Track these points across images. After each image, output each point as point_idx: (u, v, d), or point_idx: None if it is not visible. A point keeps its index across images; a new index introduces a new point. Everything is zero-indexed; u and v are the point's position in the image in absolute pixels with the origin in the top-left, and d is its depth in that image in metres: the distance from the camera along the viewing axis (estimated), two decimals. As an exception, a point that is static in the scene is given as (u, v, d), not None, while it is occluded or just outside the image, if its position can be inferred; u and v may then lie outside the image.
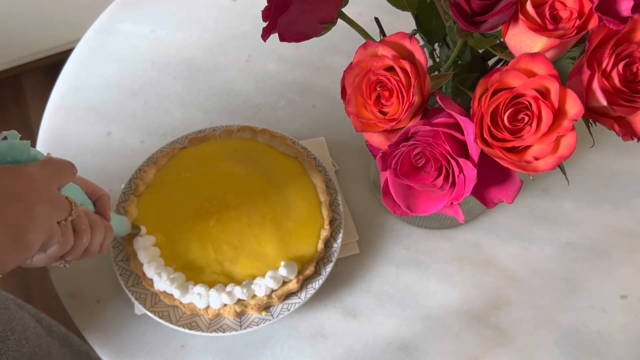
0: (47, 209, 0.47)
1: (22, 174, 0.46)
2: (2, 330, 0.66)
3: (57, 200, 0.49)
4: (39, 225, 0.46)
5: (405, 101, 0.45)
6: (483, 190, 0.48)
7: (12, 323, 0.69)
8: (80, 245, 0.53)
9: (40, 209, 0.46)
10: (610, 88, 0.42)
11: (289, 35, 0.51)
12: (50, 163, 0.50)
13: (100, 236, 0.56)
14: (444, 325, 0.67)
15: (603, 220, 0.74)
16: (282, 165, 0.73)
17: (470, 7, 0.43)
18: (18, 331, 0.69)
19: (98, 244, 0.56)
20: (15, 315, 0.70)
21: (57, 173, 0.50)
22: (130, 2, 0.96)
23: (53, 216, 0.48)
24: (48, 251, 0.51)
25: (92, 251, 0.56)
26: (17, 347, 0.68)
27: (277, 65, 0.88)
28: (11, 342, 0.67)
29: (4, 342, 0.66)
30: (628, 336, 0.66)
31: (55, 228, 0.49)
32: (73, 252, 0.53)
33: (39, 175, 0.47)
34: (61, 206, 0.49)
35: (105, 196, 0.59)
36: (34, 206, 0.46)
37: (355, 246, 0.72)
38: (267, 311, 0.65)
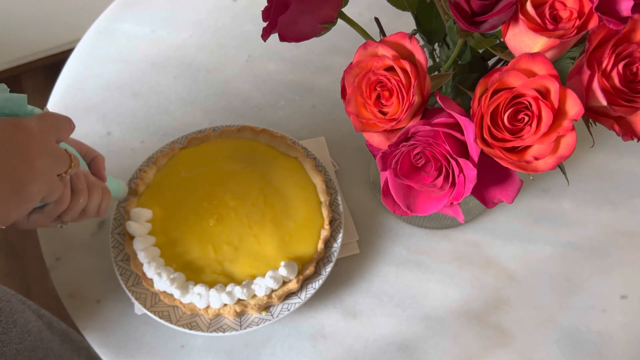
0: (47, 161, 0.47)
1: (22, 127, 0.46)
2: (4, 323, 0.66)
3: (56, 153, 0.49)
4: (40, 177, 0.47)
5: (405, 101, 0.45)
6: (483, 190, 0.48)
7: (14, 316, 0.69)
8: (77, 205, 0.53)
9: (41, 161, 0.46)
10: (610, 88, 0.42)
11: (289, 35, 0.51)
12: (49, 117, 0.49)
13: (97, 197, 0.56)
14: (444, 325, 0.67)
15: (603, 220, 0.74)
16: (282, 165, 0.73)
17: (470, 7, 0.43)
18: (20, 324, 0.70)
19: (96, 205, 0.56)
20: (17, 309, 0.70)
21: (56, 127, 0.50)
22: (130, 2, 0.96)
23: (53, 169, 0.48)
24: (45, 209, 0.51)
25: (90, 212, 0.56)
26: (19, 339, 0.68)
27: (277, 65, 0.88)
28: (13, 334, 0.67)
29: (6, 334, 0.66)
30: (628, 336, 0.66)
31: (56, 181, 0.49)
32: (70, 211, 0.53)
33: (38, 128, 0.47)
34: (61, 159, 0.49)
35: (99, 157, 0.59)
36: (34, 158, 0.46)
37: (355, 246, 0.72)
38: (267, 311, 0.65)
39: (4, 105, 0.46)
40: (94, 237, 0.73)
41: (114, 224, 0.70)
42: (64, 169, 0.50)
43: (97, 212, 0.57)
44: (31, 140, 0.46)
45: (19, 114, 0.48)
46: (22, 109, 0.48)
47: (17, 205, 0.46)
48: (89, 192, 0.55)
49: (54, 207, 0.51)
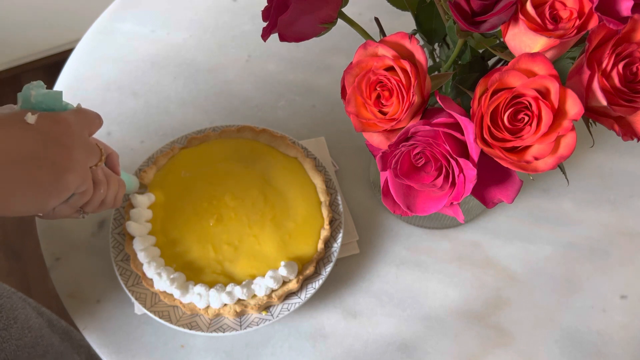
0: (83, 153, 0.50)
1: (61, 120, 0.49)
2: (5, 319, 0.67)
3: (90, 146, 0.52)
4: (77, 168, 0.49)
5: (405, 101, 0.45)
6: (483, 190, 0.48)
7: (15, 312, 0.69)
8: (98, 196, 0.56)
9: (77, 152, 0.49)
10: (610, 88, 0.42)
11: (289, 35, 0.51)
12: (82, 112, 0.53)
13: (114, 188, 0.59)
14: (444, 325, 0.67)
15: (603, 220, 0.74)
16: (282, 165, 0.73)
17: (470, 7, 0.43)
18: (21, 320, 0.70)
19: (113, 196, 0.59)
20: (17, 305, 0.71)
21: (89, 122, 0.53)
22: (130, 2, 0.96)
23: (87, 160, 0.51)
24: (70, 200, 0.53)
25: (108, 203, 0.58)
26: (19, 335, 0.68)
27: (277, 65, 0.88)
28: (14, 330, 0.68)
29: (7, 330, 0.66)
30: (628, 336, 0.66)
31: (88, 172, 0.52)
32: (91, 202, 0.56)
33: (74, 122, 0.50)
34: (94, 151, 0.52)
35: (114, 154, 0.62)
36: (72, 149, 0.49)
37: (355, 246, 0.72)
38: (267, 311, 0.65)
39: (42, 100, 0.49)
40: (94, 237, 0.73)
41: (114, 224, 0.70)
42: (95, 161, 0.53)
43: (114, 202, 0.60)
44: (69, 133, 0.49)
45: (55, 109, 0.50)
46: (58, 103, 0.51)
47: (56, 193, 0.48)
48: (108, 183, 0.58)
49: (79, 197, 0.53)
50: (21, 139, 0.46)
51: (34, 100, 0.49)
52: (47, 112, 0.49)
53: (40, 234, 0.73)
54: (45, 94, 0.49)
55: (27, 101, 0.49)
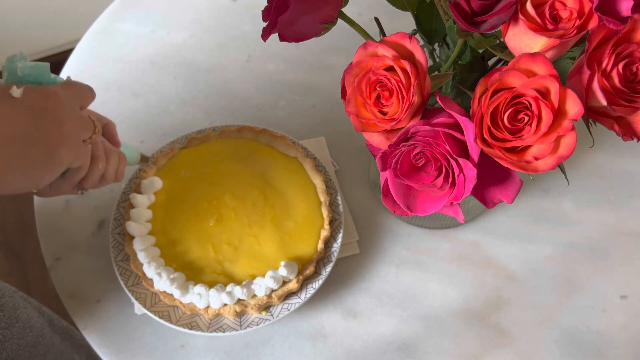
0: (75, 126, 0.49)
1: (50, 93, 0.47)
2: (7, 318, 0.67)
3: (82, 119, 0.51)
4: (69, 142, 0.48)
5: (405, 101, 0.45)
6: (483, 190, 0.48)
7: (17, 311, 0.69)
8: (97, 171, 0.55)
9: (69, 125, 0.48)
10: (610, 88, 0.42)
11: (289, 35, 0.51)
12: (73, 85, 0.51)
13: (114, 162, 0.57)
14: (444, 325, 0.67)
15: (603, 220, 0.74)
16: (282, 165, 0.73)
17: (470, 7, 0.43)
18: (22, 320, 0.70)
19: (113, 170, 0.58)
20: (19, 305, 0.71)
21: (80, 94, 0.52)
22: (130, 2, 0.96)
23: (79, 134, 0.50)
24: (66, 175, 0.52)
25: (108, 178, 0.57)
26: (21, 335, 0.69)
27: (277, 65, 0.88)
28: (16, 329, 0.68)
29: (9, 329, 0.66)
30: (628, 336, 0.66)
31: (82, 146, 0.51)
32: (90, 177, 0.55)
33: (64, 95, 0.49)
34: (86, 125, 0.51)
35: (111, 123, 0.60)
36: (63, 123, 0.47)
37: (355, 246, 0.72)
38: (267, 311, 0.65)
39: (29, 73, 0.48)
40: (94, 237, 0.73)
41: (114, 224, 0.70)
42: (89, 135, 0.52)
43: (115, 177, 0.58)
44: (59, 106, 0.48)
45: (43, 82, 0.49)
46: (46, 76, 0.49)
47: (49, 169, 0.47)
48: (107, 157, 0.56)
49: (75, 173, 0.52)
50: (9, 116, 0.44)
51: (21, 73, 0.47)
52: (35, 86, 0.47)
53: (40, 234, 0.73)
54: (32, 66, 0.48)
55: (13, 74, 0.48)
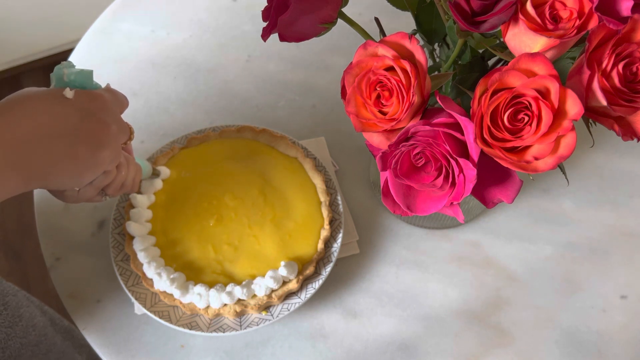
0: (117, 130, 0.51)
1: (97, 97, 0.50)
2: (10, 316, 0.67)
3: (122, 123, 0.53)
4: (111, 144, 0.50)
5: (405, 101, 0.45)
6: (483, 190, 0.48)
7: (20, 310, 0.69)
8: (120, 178, 0.57)
9: (113, 128, 0.50)
10: (610, 88, 0.42)
11: (289, 35, 0.51)
12: (113, 91, 0.53)
13: (133, 171, 0.59)
14: (444, 325, 0.67)
15: (603, 220, 0.74)
16: (282, 165, 0.73)
17: (470, 7, 0.43)
18: (25, 318, 0.70)
19: (132, 179, 0.59)
20: (22, 303, 0.71)
21: (119, 100, 0.54)
22: (130, 2, 0.96)
23: (120, 138, 0.52)
24: (94, 181, 0.53)
25: (127, 186, 0.59)
26: (24, 334, 0.69)
27: (277, 65, 0.88)
28: (19, 328, 0.68)
29: (12, 327, 0.67)
30: (628, 336, 0.66)
31: (119, 149, 0.53)
32: (113, 184, 0.56)
33: (108, 99, 0.51)
34: (125, 128, 0.53)
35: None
36: (108, 125, 0.50)
37: (355, 246, 0.72)
38: (267, 311, 0.65)
39: (74, 79, 0.50)
40: (94, 237, 0.73)
41: (114, 224, 0.70)
42: (125, 139, 0.54)
43: (132, 186, 0.60)
44: (105, 109, 0.50)
45: (86, 87, 0.51)
46: (89, 82, 0.51)
47: (92, 168, 0.49)
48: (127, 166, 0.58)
49: (103, 178, 0.54)
50: (62, 113, 0.46)
51: (67, 79, 0.50)
52: (82, 90, 0.50)
53: (40, 234, 0.73)
54: (77, 72, 0.50)
55: (60, 80, 0.50)
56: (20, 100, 0.45)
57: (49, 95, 0.47)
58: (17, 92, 0.47)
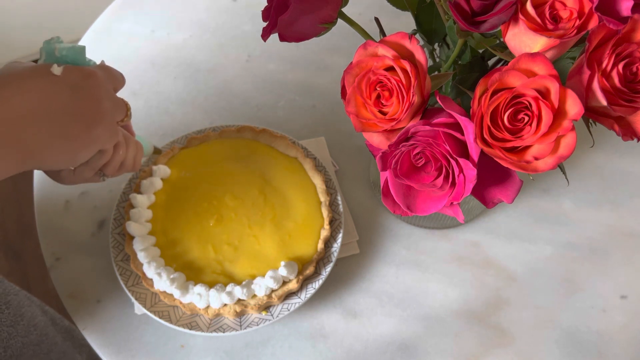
0: (111, 106, 0.50)
1: (89, 73, 0.49)
2: (12, 316, 0.67)
3: (117, 100, 0.52)
4: (105, 120, 0.49)
5: (405, 101, 0.45)
6: (483, 190, 0.48)
7: (22, 309, 0.70)
8: (118, 157, 0.55)
9: (106, 104, 0.49)
10: (610, 88, 0.42)
11: (289, 35, 0.51)
12: (107, 68, 0.52)
13: (133, 150, 0.58)
14: (444, 325, 0.67)
15: (603, 220, 0.74)
16: (282, 165, 0.73)
17: (470, 7, 0.43)
18: (27, 318, 0.70)
19: (132, 158, 0.58)
20: (24, 303, 0.71)
21: (114, 77, 0.53)
22: (130, 2, 0.96)
23: (115, 114, 0.51)
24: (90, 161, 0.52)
25: (127, 166, 0.58)
26: (25, 333, 0.69)
27: (277, 65, 0.88)
28: (20, 327, 0.68)
29: (14, 327, 0.67)
30: (628, 336, 0.66)
31: (115, 127, 0.51)
32: (111, 164, 0.55)
33: (101, 76, 0.50)
34: (120, 106, 0.52)
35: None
36: (100, 101, 0.48)
37: (355, 246, 0.72)
38: (267, 311, 0.65)
39: (66, 54, 0.49)
40: (94, 237, 0.73)
41: (114, 224, 0.70)
42: (122, 117, 0.52)
43: (133, 166, 0.59)
44: (97, 85, 0.49)
45: (79, 64, 0.50)
46: (82, 58, 0.50)
47: (86, 145, 0.48)
48: (127, 145, 0.57)
49: (99, 157, 0.53)
50: (51, 91, 0.45)
51: (59, 54, 0.49)
52: (74, 66, 0.49)
53: (40, 234, 0.73)
54: (69, 47, 0.49)
55: (51, 55, 0.49)
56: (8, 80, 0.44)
57: (36, 71, 0.45)
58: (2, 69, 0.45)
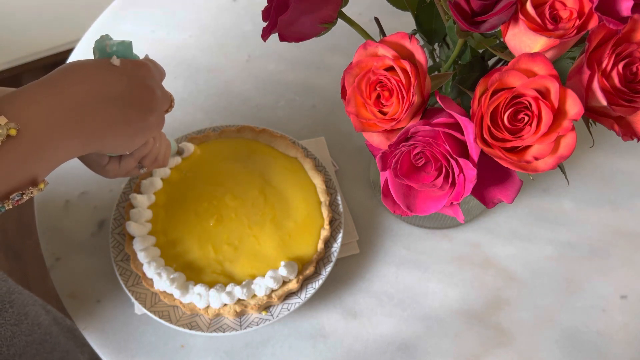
0: (161, 95, 0.53)
1: (142, 64, 0.52)
2: (16, 314, 0.67)
3: (165, 90, 0.55)
4: (157, 108, 0.52)
5: (405, 101, 0.45)
6: (483, 190, 0.48)
7: (26, 308, 0.70)
8: (155, 149, 0.59)
9: (158, 93, 0.52)
10: (610, 88, 0.42)
11: (289, 35, 0.51)
12: (153, 61, 0.55)
13: (165, 145, 0.62)
14: (444, 325, 0.67)
15: (603, 220, 0.74)
16: (282, 165, 0.73)
17: (470, 7, 0.43)
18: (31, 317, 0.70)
19: (164, 152, 0.62)
20: (28, 302, 0.71)
21: (159, 70, 0.56)
22: (130, 2, 0.96)
23: (164, 103, 0.54)
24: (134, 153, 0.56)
25: (160, 160, 0.61)
26: (29, 332, 0.69)
27: (277, 65, 0.88)
28: (24, 326, 0.68)
29: (18, 325, 0.67)
30: (628, 336, 0.66)
31: (163, 116, 0.54)
32: (150, 155, 0.59)
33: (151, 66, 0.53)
34: (167, 96, 0.55)
35: None
36: (153, 90, 0.52)
37: (355, 246, 0.72)
38: (267, 311, 0.65)
39: (117, 49, 0.52)
40: (94, 237, 0.73)
41: (114, 224, 0.70)
42: (166, 107, 0.55)
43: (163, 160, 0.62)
44: (150, 76, 0.52)
45: (127, 57, 0.53)
46: (130, 51, 0.53)
47: (141, 130, 0.51)
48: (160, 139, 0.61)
49: (143, 148, 0.56)
50: (111, 80, 0.48)
51: (110, 50, 0.52)
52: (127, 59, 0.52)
53: (40, 234, 0.73)
54: (119, 43, 0.52)
55: (104, 51, 0.52)
56: (72, 69, 0.47)
57: (97, 63, 0.49)
58: (65, 64, 0.48)
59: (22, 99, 0.43)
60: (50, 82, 0.45)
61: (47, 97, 0.44)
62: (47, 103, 0.44)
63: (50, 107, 0.44)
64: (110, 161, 0.57)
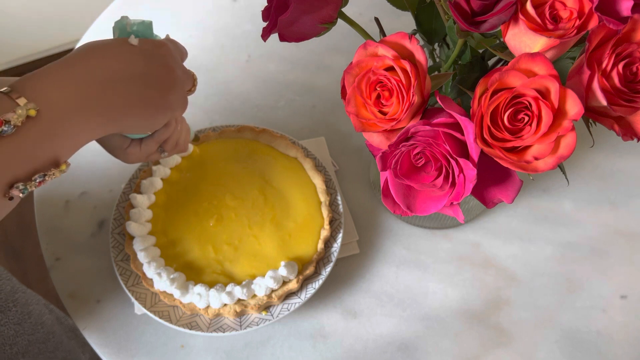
0: (182, 74, 0.53)
1: (161, 43, 0.52)
2: (20, 313, 0.67)
3: (186, 69, 0.55)
4: (177, 87, 0.52)
5: (405, 101, 0.45)
6: (483, 190, 0.48)
7: (29, 307, 0.70)
8: (176, 133, 0.59)
9: (178, 72, 0.52)
10: (610, 88, 0.42)
11: (289, 35, 0.51)
12: (173, 41, 0.55)
13: (185, 129, 0.62)
14: (444, 325, 0.67)
15: (603, 220, 0.74)
16: (282, 165, 0.73)
17: (470, 7, 0.43)
18: (34, 316, 0.70)
19: (184, 137, 0.62)
20: (31, 300, 0.71)
21: (180, 50, 0.55)
22: (130, 2, 0.96)
23: (185, 83, 0.54)
24: (155, 134, 0.56)
25: (180, 145, 0.61)
26: (32, 331, 0.69)
27: (277, 65, 0.88)
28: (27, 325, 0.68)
29: (21, 324, 0.67)
30: (628, 336, 0.66)
31: (185, 96, 0.54)
32: (171, 139, 0.59)
33: (170, 46, 0.53)
34: (189, 75, 0.55)
35: None
36: (174, 70, 0.52)
37: (355, 246, 0.72)
38: (267, 311, 0.65)
39: (137, 29, 0.52)
40: (94, 237, 0.73)
41: (114, 224, 0.70)
42: (189, 87, 0.55)
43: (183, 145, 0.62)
44: (169, 55, 0.52)
45: (147, 37, 0.53)
46: (150, 31, 0.53)
47: (162, 110, 0.51)
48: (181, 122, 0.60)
49: (164, 130, 0.56)
50: (130, 59, 0.48)
51: (130, 30, 0.52)
52: (146, 39, 0.51)
53: (40, 234, 0.73)
54: (140, 22, 0.52)
55: (124, 30, 0.52)
56: (91, 49, 0.48)
57: (116, 42, 0.49)
58: (84, 44, 0.48)
59: (41, 80, 0.43)
60: (69, 62, 0.45)
61: (66, 77, 0.44)
62: (66, 83, 0.44)
63: (69, 87, 0.44)
64: (131, 144, 0.56)
